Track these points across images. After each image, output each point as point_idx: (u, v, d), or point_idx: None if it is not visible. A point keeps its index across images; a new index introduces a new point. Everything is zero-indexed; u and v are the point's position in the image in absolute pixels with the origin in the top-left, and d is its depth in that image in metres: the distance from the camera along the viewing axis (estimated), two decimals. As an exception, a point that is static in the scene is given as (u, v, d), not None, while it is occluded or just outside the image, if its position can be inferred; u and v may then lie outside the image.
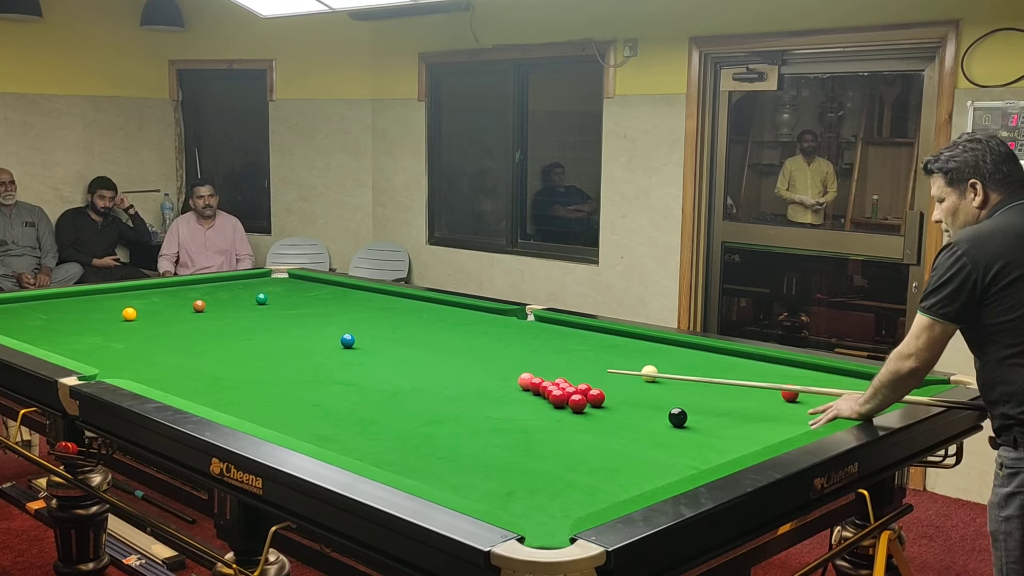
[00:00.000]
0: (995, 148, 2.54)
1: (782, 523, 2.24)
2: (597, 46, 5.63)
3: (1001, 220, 2.48)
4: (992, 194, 2.52)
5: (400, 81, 6.73)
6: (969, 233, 2.47)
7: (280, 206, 7.32)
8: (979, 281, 2.38)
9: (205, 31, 7.14)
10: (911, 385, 2.52)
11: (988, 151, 2.53)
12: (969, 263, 2.39)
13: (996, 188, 2.52)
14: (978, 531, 4.24)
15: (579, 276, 5.94)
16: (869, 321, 6.25)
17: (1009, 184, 2.53)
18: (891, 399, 2.52)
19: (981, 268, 2.38)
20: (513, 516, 1.87)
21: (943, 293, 2.42)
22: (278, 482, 2.09)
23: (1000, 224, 2.46)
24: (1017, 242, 2.41)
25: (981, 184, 2.52)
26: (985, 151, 2.54)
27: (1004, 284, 2.38)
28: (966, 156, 2.54)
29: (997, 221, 2.48)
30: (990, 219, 2.50)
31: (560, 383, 2.82)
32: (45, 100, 6.80)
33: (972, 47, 4.35)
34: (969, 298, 2.40)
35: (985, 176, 2.52)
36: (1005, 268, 2.38)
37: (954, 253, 2.42)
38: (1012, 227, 2.45)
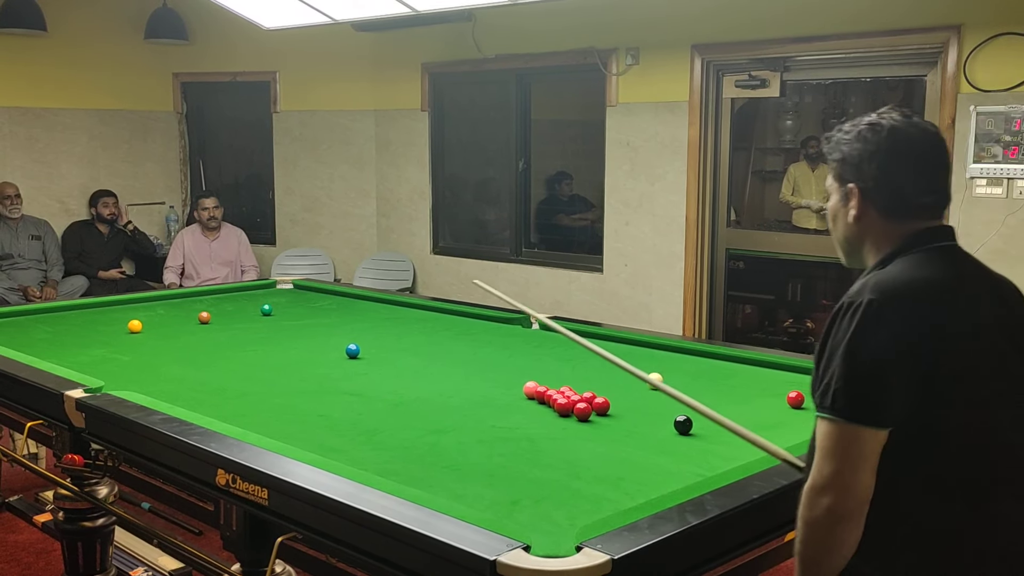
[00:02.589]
0: (901, 147, 1.65)
1: (789, 530, 2.23)
2: (599, 54, 5.64)
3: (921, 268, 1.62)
4: (878, 217, 1.68)
5: (403, 91, 6.75)
6: (889, 277, 1.61)
7: (284, 217, 7.33)
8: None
9: (209, 44, 7.17)
10: (845, 537, 1.55)
11: (887, 150, 1.66)
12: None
13: (887, 211, 1.67)
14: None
15: (583, 284, 5.94)
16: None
17: (910, 211, 1.67)
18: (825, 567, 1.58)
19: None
20: (519, 525, 1.87)
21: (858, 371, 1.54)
22: (284, 493, 2.09)
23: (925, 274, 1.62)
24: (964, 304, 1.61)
25: (858, 195, 1.70)
26: (881, 147, 1.66)
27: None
28: (856, 147, 1.71)
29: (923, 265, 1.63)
30: (909, 258, 1.64)
31: (565, 391, 2.82)
32: (50, 114, 6.82)
33: (974, 52, 4.35)
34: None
35: (868, 187, 1.68)
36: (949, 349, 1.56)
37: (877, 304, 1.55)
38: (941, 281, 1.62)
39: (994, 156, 4.34)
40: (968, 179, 4.42)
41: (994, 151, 4.34)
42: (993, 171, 4.35)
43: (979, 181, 4.40)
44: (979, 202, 4.41)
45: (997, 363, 1.59)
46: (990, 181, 4.37)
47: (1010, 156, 4.30)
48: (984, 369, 1.57)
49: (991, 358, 1.59)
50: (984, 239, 4.40)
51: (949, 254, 1.67)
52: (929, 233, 1.67)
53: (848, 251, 1.77)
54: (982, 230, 4.41)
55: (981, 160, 4.37)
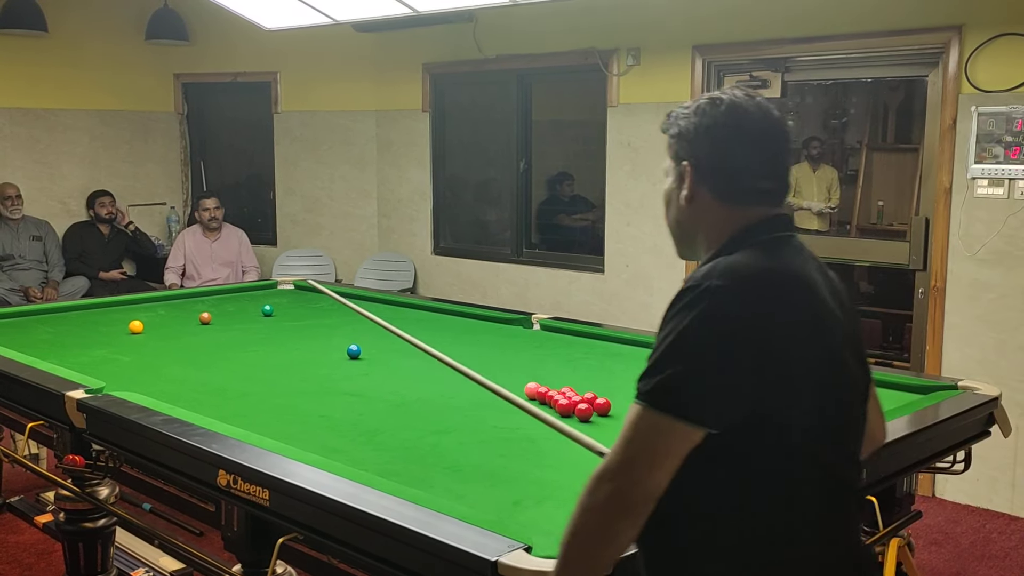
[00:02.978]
0: (740, 123, 1.51)
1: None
2: (600, 55, 5.64)
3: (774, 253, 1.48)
4: (713, 201, 1.54)
5: (404, 92, 6.75)
6: (736, 262, 1.44)
7: (285, 218, 7.33)
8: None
9: (210, 44, 7.17)
10: (620, 531, 1.39)
11: (724, 124, 1.51)
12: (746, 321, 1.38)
13: (723, 194, 1.53)
14: (987, 537, 4.22)
15: (584, 285, 5.94)
16: (876, 327, 6.24)
17: (747, 196, 1.52)
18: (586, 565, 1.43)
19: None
20: (520, 525, 1.87)
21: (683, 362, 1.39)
22: (285, 493, 2.09)
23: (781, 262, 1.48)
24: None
25: (691, 174, 1.55)
26: (718, 121, 1.52)
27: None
28: (692, 120, 1.55)
29: (770, 254, 1.48)
30: (751, 248, 1.48)
31: (566, 392, 2.82)
32: (51, 115, 6.83)
33: (975, 52, 4.35)
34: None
35: (703, 164, 1.53)
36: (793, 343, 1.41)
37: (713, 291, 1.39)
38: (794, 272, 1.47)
39: (995, 157, 4.34)
40: (969, 179, 4.42)
41: (995, 151, 4.34)
42: (994, 172, 4.34)
43: (980, 182, 4.40)
44: (980, 203, 4.41)
45: (836, 365, 1.46)
46: (991, 182, 4.36)
47: (1011, 157, 4.30)
48: (822, 370, 1.42)
49: (831, 359, 1.45)
50: (985, 240, 4.40)
51: (790, 246, 1.51)
52: (770, 222, 1.51)
53: (680, 238, 1.62)
54: (983, 231, 4.41)
55: (982, 161, 4.37)
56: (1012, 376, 4.31)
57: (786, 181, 1.56)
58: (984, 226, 4.41)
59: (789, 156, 1.57)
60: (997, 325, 4.42)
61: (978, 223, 4.42)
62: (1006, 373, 4.32)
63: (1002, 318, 4.40)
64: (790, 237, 1.52)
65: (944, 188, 4.50)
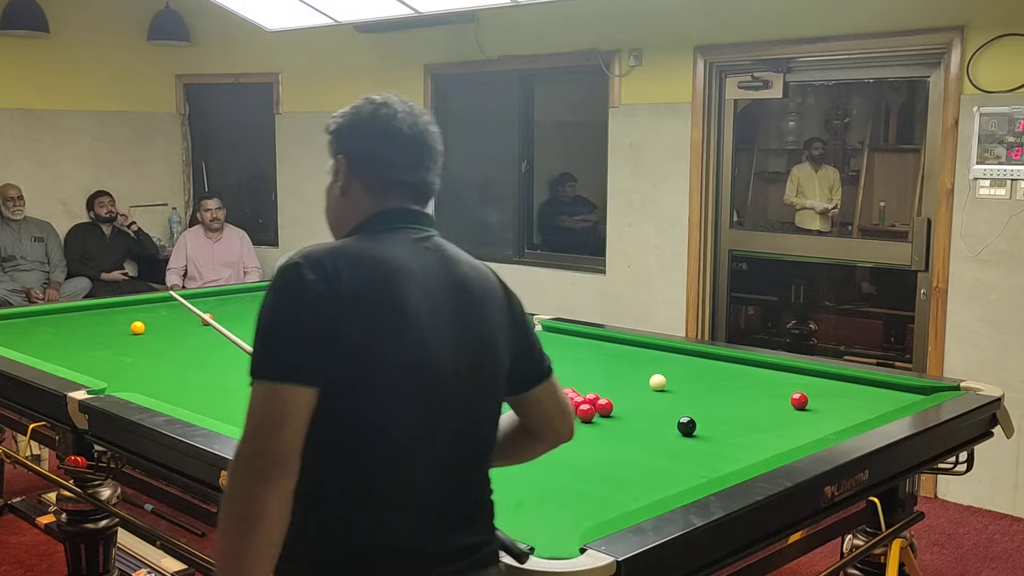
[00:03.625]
0: (389, 120, 1.65)
1: (793, 532, 2.23)
2: (602, 56, 5.64)
3: (381, 242, 1.58)
4: (362, 191, 1.65)
5: (406, 93, 6.58)
6: (326, 246, 1.55)
7: (287, 218, 7.33)
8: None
9: (212, 45, 7.17)
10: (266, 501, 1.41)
11: (373, 116, 1.66)
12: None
13: (369, 185, 1.64)
14: (990, 539, 4.22)
15: (586, 285, 5.94)
16: (878, 328, 6.24)
17: (389, 187, 1.64)
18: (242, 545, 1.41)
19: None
20: (522, 526, 1.86)
21: (272, 332, 1.47)
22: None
23: (381, 249, 1.56)
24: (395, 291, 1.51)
25: (345, 167, 1.67)
26: (367, 115, 1.67)
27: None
28: (347, 116, 1.69)
29: (376, 242, 1.58)
30: (365, 236, 1.60)
31: (568, 393, 2.82)
32: (53, 115, 6.83)
33: (977, 53, 4.34)
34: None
35: (353, 157, 1.66)
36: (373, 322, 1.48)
37: (296, 267, 1.48)
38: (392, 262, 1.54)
39: (997, 157, 4.33)
40: (971, 180, 4.41)
41: (997, 152, 4.33)
42: (996, 172, 4.34)
43: (982, 182, 4.39)
44: (982, 203, 4.41)
45: (421, 351, 1.51)
46: (993, 182, 4.36)
47: (1013, 157, 4.29)
48: (400, 352, 1.49)
49: (412, 344, 1.50)
50: (987, 241, 4.39)
51: (402, 236, 1.60)
52: (394, 214, 1.63)
53: (337, 229, 1.71)
54: (986, 231, 4.40)
55: (984, 161, 4.36)
56: (1015, 377, 4.30)
57: (429, 181, 1.69)
58: (986, 227, 4.40)
59: (435, 157, 1.70)
60: (999, 326, 4.41)
61: (980, 224, 4.42)
62: (1009, 374, 4.32)
63: (1004, 319, 4.39)
64: (409, 229, 1.62)
65: (946, 189, 4.50)
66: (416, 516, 1.52)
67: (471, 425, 1.59)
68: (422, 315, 1.52)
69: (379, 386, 1.48)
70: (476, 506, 1.62)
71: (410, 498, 1.51)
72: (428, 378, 1.52)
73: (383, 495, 1.49)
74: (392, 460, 1.50)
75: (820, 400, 2.89)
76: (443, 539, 1.54)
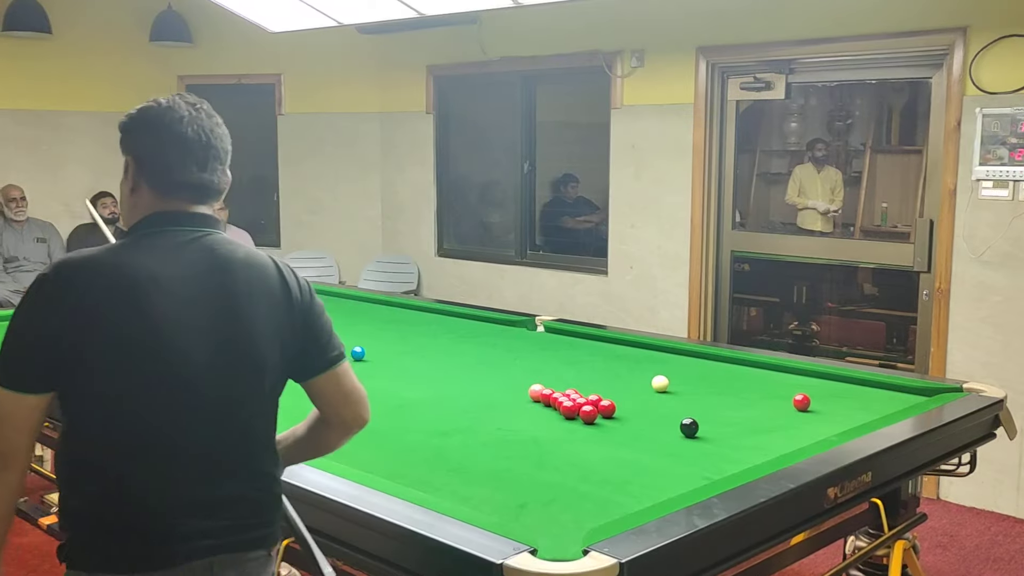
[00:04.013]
0: (174, 122, 1.69)
1: (796, 533, 2.23)
2: (604, 57, 5.64)
3: (139, 248, 1.66)
4: (148, 192, 1.71)
5: (408, 94, 6.75)
6: (80, 257, 1.63)
7: (289, 220, 7.33)
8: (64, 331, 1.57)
9: (214, 46, 7.17)
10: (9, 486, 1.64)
11: (159, 118, 1.70)
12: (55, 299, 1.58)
13: (154, 185, 1.70)
14: (993, 540, 4.21)
15: (588, 286, 5.94)
16: (880, 329, 6.23)
17: (171, 188, 1.70)
18: None
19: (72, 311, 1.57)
20: (525, 528, 1.87)
21: (10, 341, 1.60)
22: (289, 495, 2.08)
23: (134, 257, 1.64)
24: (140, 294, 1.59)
25: (133, 166, 1.72)
26: (154, 117, 1.70)
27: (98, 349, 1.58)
28: (134, 117, 1.73)
29: (134, 249, 1.66)
30: (130, 240, 1.69)
31: (571, 394, 2.82)
32: (55, 116, 6.83)
33: (980, 54, 4.34)
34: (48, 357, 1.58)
35: (139, 156, 1.72)
36: (105, 325, 1.57)
37: (41, 281, 1.60)
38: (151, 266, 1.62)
39: (1000, 158, 4.33)
40: (974, 181, 4.41)
41: (1000, 153, 4.33)
42: (999, 173, 4.33)
43: (985, 183, 4.39)
44: (985, 204, 4.40)
45: (160, 352, 1.61)
46: (996, 183, 4.36)
47: (1016, 158, 4.29)
48: (136, 352, 1.59)
49: (155, 345, 1.60)
50: (990, 242, 4.39)
51: (170, 240, 1.68)
52: (164, 216, 1.70)
53: (125, 224, 1.77)
54: (988, 233, 4.40)
55: (987, 162, 4.36)
56: (1017, 378, 4.30)
57: (214, 182, 1.74)
58: (989, 228, 4.40)
59: (219, 160, 1.75)
60: (1002, 327, 4.41)
61: (983, 225, 4.41)
62: (1011, 375, 4.31)
63: (1007, 320, 4.39)
64: (179, 231, 1.69)
65: (948, 190, 4.49)
66: (171, 500, 1.62)
67: (229, 416, 1.67)
68: (169, 317, 1.61)
69: (119, 388, 1.60)
70: (242, 491, 1.69)
71: (164, 484, 1.62)
72: (173, 375, 1.61)
73: (133, 483, 1.61)
74: (141, 453, 1.61)
75: (822, 401, 2.89)
76: (198, 520, 1.63)
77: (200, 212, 1.73)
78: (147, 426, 1.62)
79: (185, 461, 1.64)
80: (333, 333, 1.83)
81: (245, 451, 1.70)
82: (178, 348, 1.61)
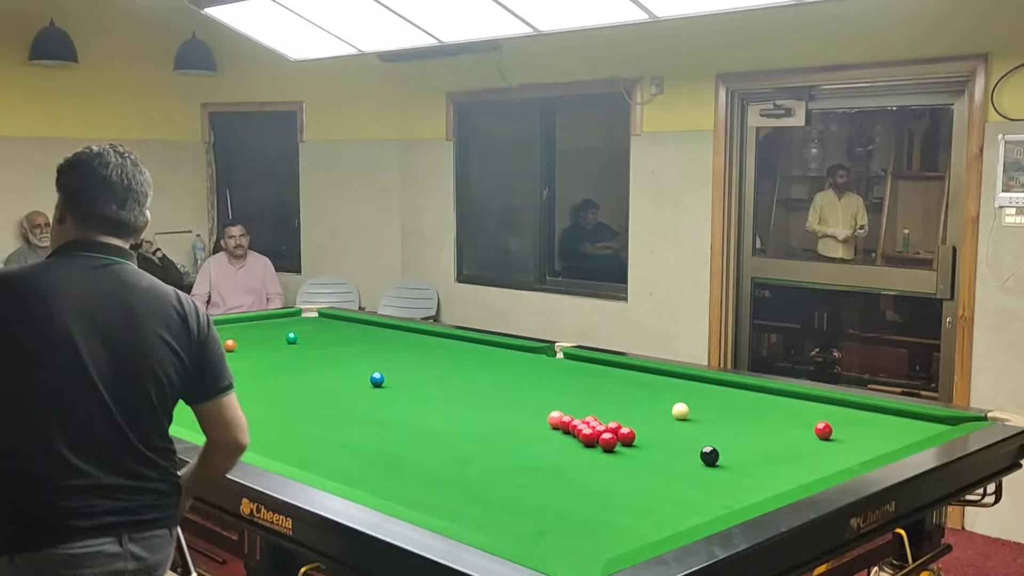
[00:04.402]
0: (97, 165, 2.03)
1: (818, 564, 2.20)
2: (624, 84, 5.66)
3: (55, 267, 1.99)
4: (72, 223, 2.05)
5: (428, 121, 6.79)
6: (2, 271, 2.05)
7: (310, 246, 7.37)
8: None
9: (236, 74, 7.25)
10: None
11: (84, 163, 2.05)
12: None
13: (75, 217, 2.04)
14: (1019, 571, 4.14)
15: (608, 313, 5.92)
16: (903, 356, 6.18)
17: (89, 221, 2.02)
18: None
19: None
20: (543, 557, 1.85)
21: None
22: (307, 523, 2.08)
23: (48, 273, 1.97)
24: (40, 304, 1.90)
25: (60, 201, 2.08)
26: (81, 162, 2.06)
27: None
28: (66, 161, 2.10)
29: (51, 268, 2.00)
30: (49, 260, 2.04)
31: (590, 421, 2.81)
32: (79, 144, 6.86)
33: (1002, 80, 4.32)
34: None
35: (65, 193, 2.07)
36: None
37: None
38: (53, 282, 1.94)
39: (1023, 185, 4.30)
40: (997, 208, 4.38)
41: (1023, 180, 4.30)
42: (1022, 200, 4.30)
43: (1008, 210, 4.36)
44: (1008, 232, 4.37)
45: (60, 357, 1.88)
46: (1019, 210, 4.32)
47: (1039, 185, 4.26)
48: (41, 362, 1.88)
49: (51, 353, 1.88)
50: (1014, 269, 4.35)
51: (82, 263, 1.98)
52: (83, 244, 2.00)
53: (52, 249, 2.07)
54: (1012, 260, 4.36)
55: (1010, 189, 4.33)
56: (1043, 407, 4.24)
57: (131, 219, 2.04)
58: (1012, 255, 4.36)
59: (137, 202, 2.05)
60: (1027, 355, 4.36)
61: (1006, 252, 4.38)
62: (1037, 404, 4.26)
63: (1032, 348, 4.34)
64: (92, 257, 1.99)
65: (971, 217, 4.46)
66: (60, 486, 1.87)
67: (125, 416, 1.93)
68: (72, 328, 1.89)
69: (20, 386, 1.87)
70: (131, 486, 1.94)
71: (56, 476, 1.87)
72: (73, 376, 1.88)
73: (31, 477, 1.87)
74: (37, 447, 1.87)
75: (845, 430, 2.86)
76: (88, 508, 1.88)
77: (114, 244, 2.03)
78: (42, 421, 1.87)
79: (77, 453, 1.88)
80: (225, 365, 2.10)
81: (132, 444, 1.94)
82: (78, 353, 1.89)
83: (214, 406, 2.07)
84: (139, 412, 1.95)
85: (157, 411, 1.99)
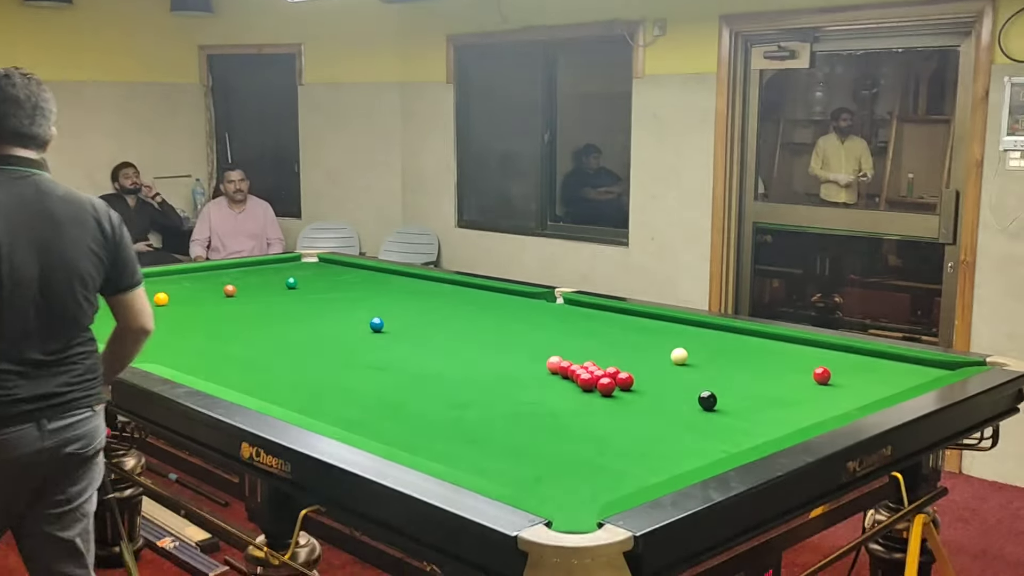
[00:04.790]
0: (5, 87, 2.24)
1: (814, 507, 2.22)
2: (626, 26, 5.57)
3: None
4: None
5: (428, 64, 6.71)
6: None
7: (310, 190, 7.34)
8: None
9: (234, 16, 7.15)
10: None
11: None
12: None
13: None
14: (1015, 514, 4.19)
15: (609, 258, 5.91)
16: (904, 301, 6.17)
17: (8, 136, 2.25)
18: None
19: None
20: (541, 500, 1.86)
21: None
22: (307, 467, 2.09)
23: None
24: None
25: None
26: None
27: None
28: None
29: None
30: None
31: (589, 366, 2.81)
32: (76, 87, 6.84)
33: (1009, 21, 4.25)
34: None
35: None
36: None
37: None
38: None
39: (1029, 128, 4.25)
40: (1002, 152, 4.34)
41: (1029, 123, 4.25)
42: (1027, 144, 4.26)
43: (1012, 154, 4.32)
44: (1012, 175, 4.33)
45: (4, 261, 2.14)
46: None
47: (1045, 128, 4.21)
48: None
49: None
50: (1017, 213, 4.33)
51: (5, 175, 2.22)
52: (2, 158, 2.23)
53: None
54: (1015, 204, 4.33)
55: (1015, 132, 4.29)
56: (1042, 352, 4.25)
57: (40, 133, 2.31)
58: (1016, 199, 4.33)
59: (44, 117, 2.31)
60: (1028, 300, 4.35)
61: (1010, 196, 4.35)
62: (1036, 349, 4.27)
63: (1033, 293, 4.33)
64: (11, 170, 2.23)
65: (975, 160, 4.43)
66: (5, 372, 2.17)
67: (51, 310, 2.23)
68: (1, 233, 2.13)
69: None
70: (62, 370, 2.26)
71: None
72: (7, 277, 2.14)
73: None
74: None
75: (844, 375, 2.87)
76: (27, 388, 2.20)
77: (28, 156, 2.27)
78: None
79: (15, 346, 2.18)
80: (136, 263, 2.42)
81: (65, 334, 2.27)
82: (8, 256, 2.14)
83: (127, 297, 2.39)
84: (64, 307, 2.24)
85: (81, 305, 2.28)
